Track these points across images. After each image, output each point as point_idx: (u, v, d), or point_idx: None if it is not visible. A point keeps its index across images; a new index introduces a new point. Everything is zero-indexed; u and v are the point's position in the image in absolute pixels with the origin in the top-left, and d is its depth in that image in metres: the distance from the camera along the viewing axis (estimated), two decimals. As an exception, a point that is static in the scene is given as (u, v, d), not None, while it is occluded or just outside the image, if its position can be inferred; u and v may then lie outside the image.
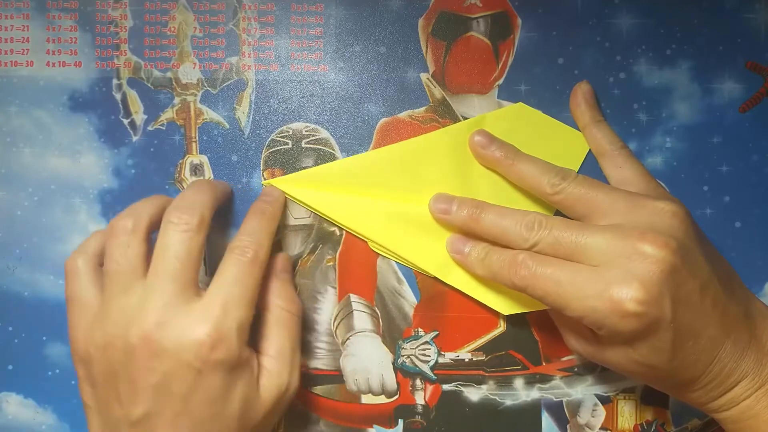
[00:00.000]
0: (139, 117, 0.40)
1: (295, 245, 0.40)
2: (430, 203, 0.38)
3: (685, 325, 0.31)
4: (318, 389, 0.40)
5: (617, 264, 0.31)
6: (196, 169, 0.40)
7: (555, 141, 0.39)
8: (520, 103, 0.39)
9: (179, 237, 0.33)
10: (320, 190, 0.39)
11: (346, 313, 0.40)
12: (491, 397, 0.40)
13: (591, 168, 0.40)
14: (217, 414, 0.32)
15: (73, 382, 0.40)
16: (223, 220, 0.39)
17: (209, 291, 0.33)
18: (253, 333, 0.34)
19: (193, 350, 0.31)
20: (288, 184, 0.39)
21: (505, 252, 0.35)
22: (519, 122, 0.39)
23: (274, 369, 0.34)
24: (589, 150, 0.39)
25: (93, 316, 0.33)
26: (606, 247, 0.32)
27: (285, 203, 0.39)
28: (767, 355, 0.33)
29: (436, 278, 0.39)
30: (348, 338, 0.40)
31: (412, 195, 0.39)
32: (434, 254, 0.39)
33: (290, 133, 0.40)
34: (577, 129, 0.40)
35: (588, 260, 0.32)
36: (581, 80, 0.40)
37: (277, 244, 0.39)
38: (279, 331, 0.35)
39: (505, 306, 0.39)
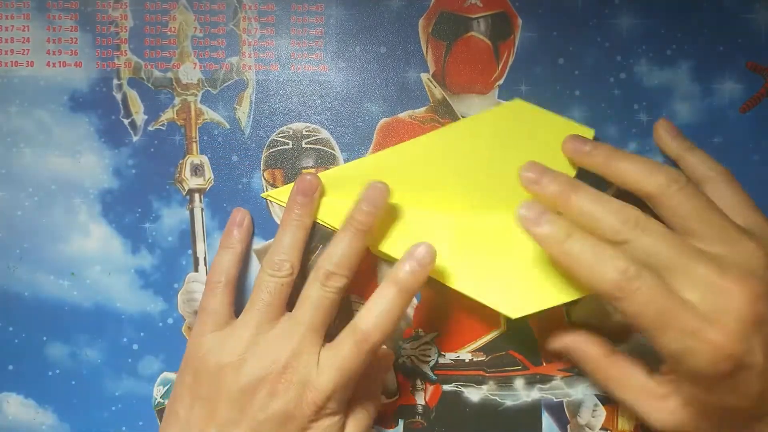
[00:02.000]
0: (140, 117, 0.40)
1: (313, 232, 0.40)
2: (520, 170, 0.35)
3: None
4: (318, 389, 0.40)
5: (712, 302, 0.30)
6: (197, 170, 0.40)
7: (556, 134, 0.38)
8: (517, 99, 0.39)
9: (326, 294, 0.35)
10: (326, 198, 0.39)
11: (346, 314, 0.40)
12: (491, 397, 0.40)
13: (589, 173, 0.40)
14: None
15: (73, 382, 0.40)
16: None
17: (330, 351, 0.34)
18: None
19: (307, 409, 0.33)
20: (286, 194, 0.39)
21: (600, 244, 0.31)
22: (518, 118, 0.39)
23: None
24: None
25: (225, 331, 0.36)
26: (704, 281, 0.30)
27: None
28: None
29: (439, 283, 0.39)
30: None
31: (412, 198, 0.39)
32: (437, 257, 0.38)
33: (290, 133, 0.40)
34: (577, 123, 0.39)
35: (678, 285, 0.30)
36: (581, 79, 0.40)
37: (278, 244, 0.39)
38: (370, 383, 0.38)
39: (511, 309, 0.37)
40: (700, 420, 0.32)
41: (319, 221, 0.39)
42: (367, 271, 0.39)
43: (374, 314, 0.33)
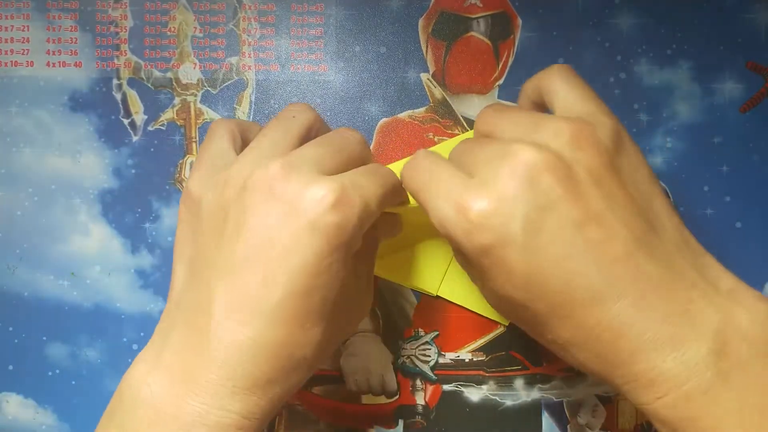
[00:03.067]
0: (140, 117, 0.40)
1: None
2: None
3: (546, 258, 0.25)
4: (318, 389, 0.40)
5: (486, 173, 0.26)
6: (197, 169, 0.40)
7: None
8: None
9: (357, 139, 0.31)
10: None
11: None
12: (491, 397, 0.40)
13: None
14: (309, 291, 0.27)
15: (73, 382, 0.40)
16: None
17: (343, 173, 0.29)
18: None
19: (313, 200, 0.27)
20: None
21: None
22: None
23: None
24: None
25: (223, 164, 0.30)
26: (485, 155, 0.27)
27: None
28: (701, 339, 0.25)
29: (434, 296, 0.39)
30: (348, 338, 0.40)
31: (404, 214, 0.39)
32: (432, 271, 0.39)
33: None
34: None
35: (469, 168, 0.27)
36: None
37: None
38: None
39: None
40: (496, 306, 0.29)
41: None
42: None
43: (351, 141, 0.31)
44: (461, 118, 0.40)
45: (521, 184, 0.25)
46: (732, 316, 0.25)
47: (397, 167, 0.39)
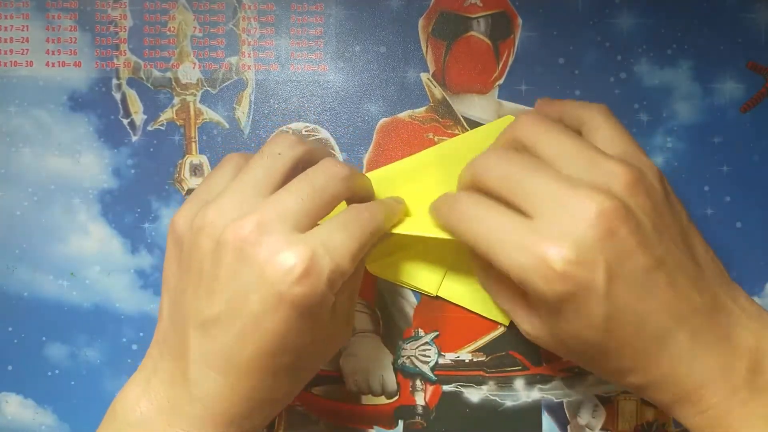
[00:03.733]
0: (139, 117, 0.40)
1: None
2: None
3: (623, 302, 0.27)
4: (318, 390, 0.40)
5: (555, 217, 0.27)
6: (196, 170, 0.40)
7: None
8: (510, 116, 0.39)
9: (341, 175, 0.31)
10: None
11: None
12: (491, 397, 0.40)
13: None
14: (275, 352, 0.29)
15: (73, 382, 0.40)
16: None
17: (315, 228, 0.30)
18: None
19: (281, 270, 0.28)
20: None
21: (448, 195, 0.32)
22: None
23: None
24: None
25: (210, 200, 0.31)
26: (548, 195, 0.28)
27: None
28: (740, 360, 0.28)
29: (434, 296, 0.39)
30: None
31: (408, 216, 0.39)
32: (431, 272, 0.39)
33: (290, 132, 0.40)
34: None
35: (524, 204, 0.29)
36: (581, 79, 0.40)
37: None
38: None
39: (504, 317, 0.39)
40: (557, 344, 0.31)
41: None
42: (367, 271, 0.39)
43: (336, 167, 0.31)
44: (461, 117, 0.40)
45: (602, 235, 0.27)
46: (764, 338, 0.29)
47: (396, 167, 0.39)
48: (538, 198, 0.28)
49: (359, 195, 0.33)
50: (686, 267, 0.29)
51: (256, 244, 0.28)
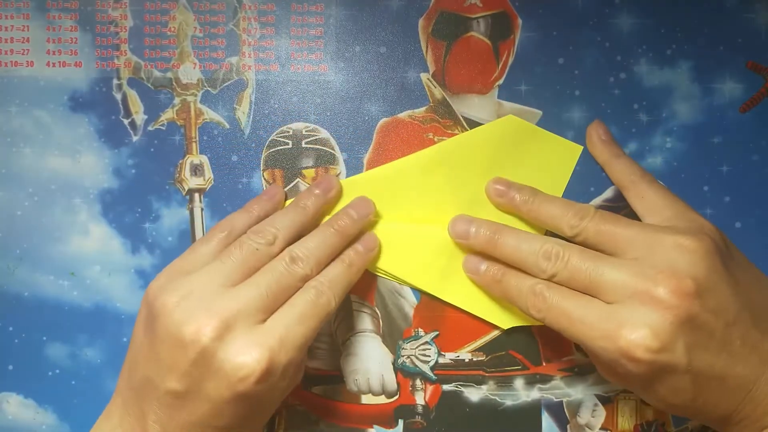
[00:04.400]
0: (140, 117, 0.40)
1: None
2: (448, 226, 0.38)
3: (706, 367, 0.31)
4: (318, 389, 0.40)
5: (630, 305, 0.31)
6: (197, 170, 0.40)
7: (545, 151, 0.39)
8: (510, 116, 0.39)
9: (285, 273, 0.34)
10: None
11: (346, 314, 0.40)
12: (491, 397, 0.40)
13: (586, 175, 0.40)
14: (236, 422, 0.33)
15: (73, 382, 0.40)
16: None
17: (274, 318, 0.33)
18: None
19: (241, 373, 0.31)
20: None
21: (523, 279, 0.35)
22: (509, 135, 0.39)
23: None
24: (582, 154, 0.39)
25: (184, 272, 0.33)
26: (620, 285, 0.31)
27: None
28: None
29: (434, 297, 0.39)
30: (348, 338, 0.40)
31: (406, 216, 0.39)
32: (430, 272, 0.39)
33: (290, 133, 0.40)
34: (572, 140, 0.40)
35: (603, 295, 0.32)
36: (581, 79, 0.40)
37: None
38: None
39: (503, 320, 0.39)
40: (649, 398, 0.34)
41: None
42: (366, 274, 0.39)
43: (327, 276, 0.35)
44: (461, 118, 0.40)
45: (679, 319, 0.30)
46: None
47: (396, 166, 0.39)
48: (611, 287, 0.32)
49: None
50: (757, 315, 0.32)
51: (219, 340, 0.31)
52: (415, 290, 0.40)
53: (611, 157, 0.38)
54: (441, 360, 0.40)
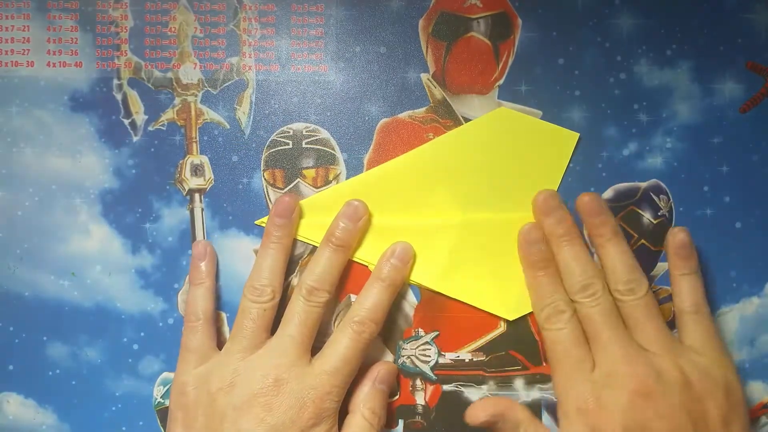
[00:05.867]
0: (140, 117, 0.40)
1: (296, 245, 0.40)
2: (538, 194, 0.38)
3: None
4: (318, 389, 0.40)
5: (605, 380, 0.34)
6: (197, 170, 0.40)
7: (541, 140, 0.39)
8: (502, 107, 0.39)
9: (311, 308, 0.36)
10: (312, 219, 0.39)
11: (346, 313, 0.40)
12: (492, 397, 0.40)
13: (586, 175, 0.40)
14: None
15: (73, 382, 0.40)
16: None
17: (321, 360, 0.36)
18: None
19: (301, 413, 0.34)
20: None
21: (557, 287, 0.37)
22: (502, 127, 0.39)
23: None
24: (582, 154, 0.40)
25: (211, 365, 0.36)
26: (611, 358, 0.35)
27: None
28: None
29: (436, 291, 0.39)
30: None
31: (406, 213, 0.39)
32: (432, 267, 0.39)
33: (291, 133, 0.40)
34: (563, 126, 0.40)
35: (593, 350, 0.36)
36: (581, 79, 0.40)
37: (278, 244, 0.39)
38: None
39: (508, 311, 0.39)
40: None
41: (311, 242, 0.39)
42: (367, 270, 0.39)
43: (365, 306, 0.37)
44: (461, 118, 0.40)
45: (631, 408, 0.34)
46: None
47: (393, 165, 0.39)
48: (604, 354, 0.35)
49: None
50: None
51: (279, 394, 0.34)
52: (416, 289, 0.40)
53: (680, 274, 0.38)
54: (441, 360, 0.40)
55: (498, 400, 0.38)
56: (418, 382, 0.40)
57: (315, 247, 0.40)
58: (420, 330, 0.40)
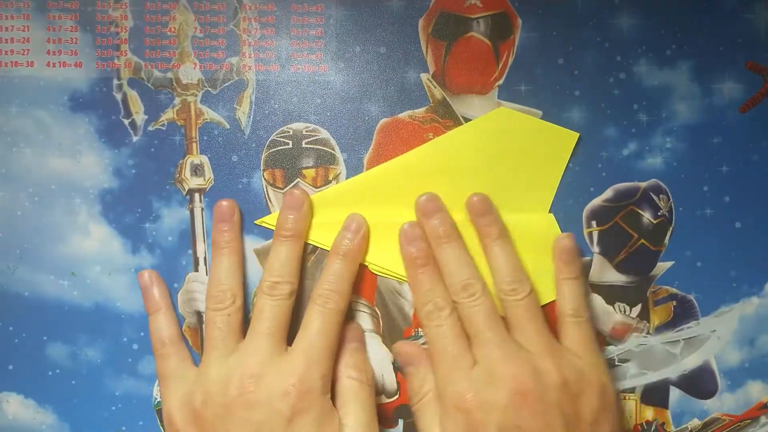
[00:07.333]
0: (140, 117, 0.40)
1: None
2: (418, 197, 0.38)
3: None
4: (318, 389, 0.40)
5: (483, 381, 0.35)
6: (197, 170, 0.40)
7: (541, 140, 0.39)
8: (502, 107, 0.39)
9: (274, 303, 0.36)
10: (313, 219, 0.39)
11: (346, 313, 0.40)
12: (491, 397, 0.40)
13: (586, 175, 0.40)
14: None
15: (73, 382, 0.40)
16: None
17: (295, 344, 0.36)
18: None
19: (283, 401, 0.34)
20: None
21: (436, 285, 0.37)
22: (502, 126, 0.39)
23: None
24: (582, 154, 0.40)
25: (191, 384, 0.36)
26: (489, 359, 0.35)
27: (368, 233, 0.39)
28: None
29: None
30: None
31: (405, 210, 0.39)
32: None
33: (290, 133, 0.40)
34: (566, 128, 0.40)
35: (474, 348, 0.36)
36: (581, 79, 0.40)
37: (278, 244, 0.39)
38: (353, 403, 0.36)
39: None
40: None
41: (311, 242, 0.39)
42: (367, 270, 0.39)
43: (327, 280, 0.37)
44: (461, 118, 0.40)
45: (510, 407, 0.34)
46: None
47: (392, 165, 0.39)
48: (483, 354, 0.35)
49: None
50: None
51: (257, 390, 0.34)
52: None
53: (562, 278, 0.38)
54: (441, 360, 0.40)
55: (424, 351, 0.38)
56: (418, 382, 0.40)
57: (315, 247, 0.40)
58: (420, 330, 0.40)
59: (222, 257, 0.38)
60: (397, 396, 0.40)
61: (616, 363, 0.40)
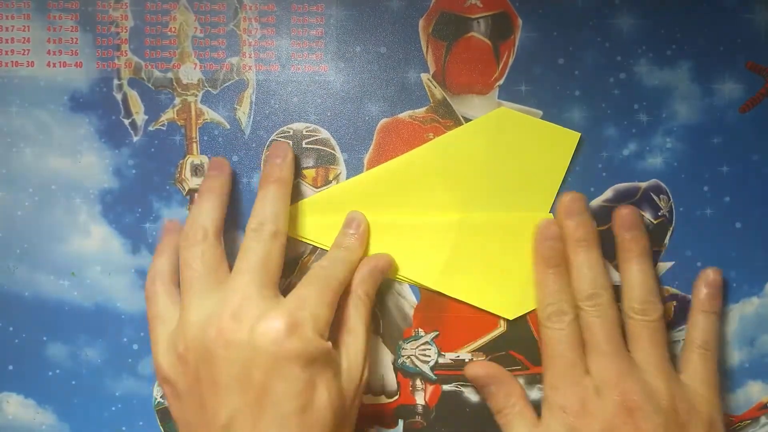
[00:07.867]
0: (140, 117, 0.40)
1: (296, 245, 0.40)
2: (563, 195, 0.38)
3: None
4: (318, 389, 0.40)
5: (596, 397, 0.35)
6: (197, 170, 0.40)
7: (541, 140, 0.39)
8: (502, 107, 0.39)
9: (257, 244, 0.34)
10: (313, 219, 0.39)
11: (343, 300, 0.40)
12: (491, 397, 0.40)
13: (586, 175, 0.40)
14: (302, 408, 0.31)
15: (73, 382, 0.40)
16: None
17: (289, 295, 0.34)
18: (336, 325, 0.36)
19: (268, 337, 0.31)
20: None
21: (563, 288, 0.37)
22: (503, 126, 0.39)
23: (351, 349, 0.35)
24: (582, 154, 0.40)
25: (175, 328, 0.34)
26: (603, 374, 0.35)
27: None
28: None
29: (435, 291, 0.39)
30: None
31: (405, 210, 0.39)
32: (432, 266, 0.39)
33: (291, 133, 0.40)
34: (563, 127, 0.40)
35: (589, 360, 0.36)
36: (581, 79, 0.40)
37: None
38: (353, 312, 0.36)
39: (508, 310, 0.39)
40: None
41: (311, 242, 0.39)
42: (367, 271, 0.40)
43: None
44: (461, 118, 0.40)
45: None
46: None
47: (392, 165, 0.39)
48: (598, 368, 0.35)
49: None
50: None
51: (238, 328, 0.32)
52: (416, 289, 0.40)
53: (700, 310, 0.38)
54: (441, 360, 0.40)
55: (499, 366, 0.38)
56: (418, 382, 0.40)
57: (315, 248, 0.40)
58: (420, 330, 0.40)
59: (202, 200, 0.37)
60: (397, 396, 0.40)
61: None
